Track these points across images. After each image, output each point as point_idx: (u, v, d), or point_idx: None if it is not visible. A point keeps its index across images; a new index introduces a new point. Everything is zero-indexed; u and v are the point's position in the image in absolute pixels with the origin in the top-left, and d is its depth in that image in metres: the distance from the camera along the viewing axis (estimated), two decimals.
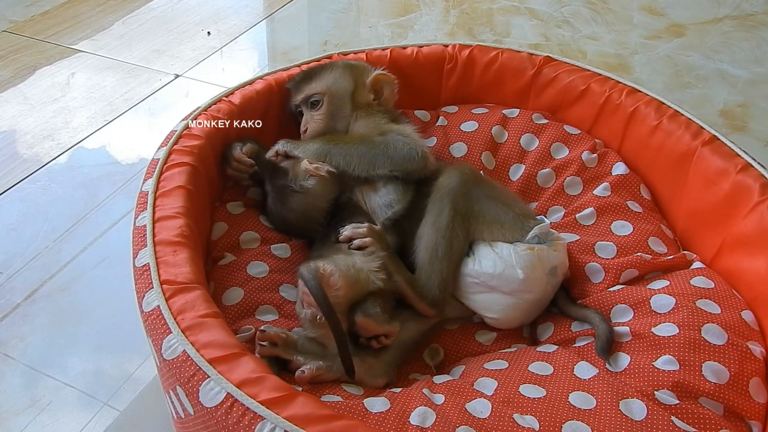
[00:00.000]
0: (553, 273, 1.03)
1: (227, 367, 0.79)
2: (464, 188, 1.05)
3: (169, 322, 0.84)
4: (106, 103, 1.94)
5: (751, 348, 0.92)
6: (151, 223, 0.99)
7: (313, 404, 0.76)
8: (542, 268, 1.01)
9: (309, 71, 1.26)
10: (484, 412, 0.84)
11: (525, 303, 1.03)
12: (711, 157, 1.13)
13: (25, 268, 1.43)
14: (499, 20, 2.36)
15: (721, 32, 2.24)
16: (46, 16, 2.37)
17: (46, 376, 1.22)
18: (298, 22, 2.42)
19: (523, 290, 1.02)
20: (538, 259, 1.01)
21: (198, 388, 0.78)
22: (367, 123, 1.20)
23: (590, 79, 1.32)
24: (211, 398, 0.77)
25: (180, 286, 0.89)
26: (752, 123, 1.84)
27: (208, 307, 0.87)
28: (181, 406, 0.82)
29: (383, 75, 1.24)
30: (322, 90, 1.21)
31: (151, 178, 1.07)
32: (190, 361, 0.80)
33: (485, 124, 1.32)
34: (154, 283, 0.90)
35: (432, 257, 1.02)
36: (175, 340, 0.82)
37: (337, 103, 1.21)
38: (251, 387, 0.76)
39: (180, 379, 0.80)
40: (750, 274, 1.02)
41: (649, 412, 0.84)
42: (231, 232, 1.13)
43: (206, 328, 0.83)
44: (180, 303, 0.87)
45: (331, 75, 1.23)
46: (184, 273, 0.91)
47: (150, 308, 0.87)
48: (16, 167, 1.70)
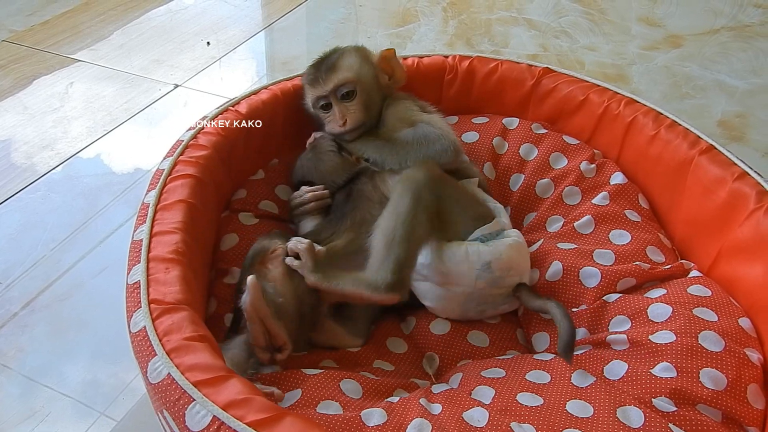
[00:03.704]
0: (485, 268, 1.03)
1: (213, 390, 0.78)
2: (430, 182, 1.04)
3: (154, 344, 0.84)
4: (106, 112, 1.94)
5: (749, 354, 0.92)
6: (148, 237, 0.99)
7: (301, 424, 0.75)
8: (469, 262, 1.03)
9: (323, 63, 1.23)
10: (481, 420, 0.84)
11: (454, 295, 1.05)
12: (708, 166, 1.13)
13: (23, 278, 1.42)
14: (498, 30, 2.37)
15: (718, 43, 2.24)
16: (46, 25, 2.38)
17: (44, 386, 1.21)
18: (297, 32, 2.43)
19: (449, 282, 1.04)
20: (465, 253, 1.03)
21: (184, 411, 0.77)
22: (397, 110, 1.21)
23: (589, 90, 1.33)
24: (198, 422, 0.76)
25: (168, 306, 0.88)
26: (750, 133, 1.85)
27: (195, 329, 0.86)
28: (169, 429, 0.81)
29: (387, 51, 1.25)
30: (353, 78, 1.19)
31: (154, 189, 1.07)
32: (175, 385, 0.79)
33: (486, 134, 1.33)
34: (142, 303, 0.89)
35: (388, 243, 1.00)
36: (160, 363, 0.82)
37: (368, 89, 1.21)
38: (237, 409, 0.76)
39: (166, 403, 0.79)
40: (747, 281, 1.02)
41: (647, 419, 0.84)
42: (241, 245, 1.13)
43: (192, 351, 0.82)
44: (166, 324, 0.86)
45: (353, 60, 1.21)
46: (173, 292, 0.90)
47: (137, 329, 0.87)
48: (15, 177, 1.70)
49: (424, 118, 1.19)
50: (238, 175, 1.25)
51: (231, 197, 1.23)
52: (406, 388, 0.96)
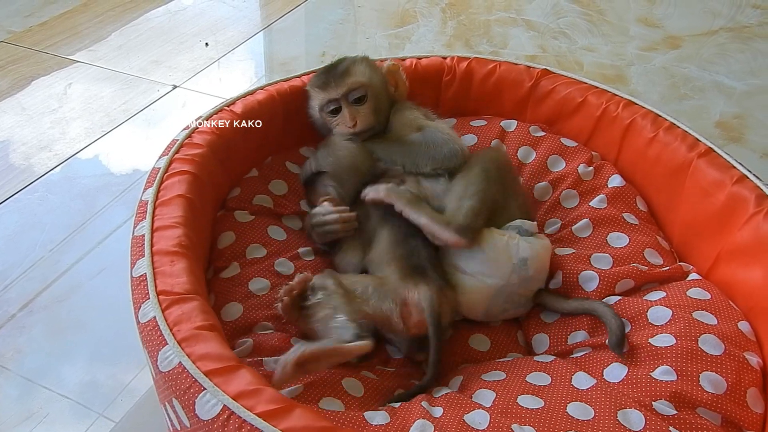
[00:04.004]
0: (522, 264, 1.03)
1: (223, 379, 0.78)
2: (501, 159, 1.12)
3: (165, 334, 0.84)
4: (104, 113, 1.94)
5: (748, 358, 0.92)
6: (149, 232, 0.99)
7: (310, 416, 0.76)
8: (508, 255, 1.03)
9: (334, 69, 1.24)
10: (482, 423, 0.84)
11: (485, 287, 1.04)
12: (707, 169, 1.13)
13: (21, 279, 1.42)
14: (497, 31, 2.37)
15: (716, 44, 2.25)
16: (44, 26, 2.38)
17: (42, 388, 1.21)
18: (296, 33, 2.43)
19: (483, 272, 1.03)
20: (506, 245, 1.03)
21: (194, 400, 0.77)
22: (404, 116, 1.23)
23: (587, 92, 1.33)
24: (208, 410, 0.76)
25: (176, 297, 0.89)
26: (748, 134, 1.85)
27: (205, 318, 0.87)
28: (177, 418, 0.81)
29: (394, 65, 1.28)
30: (366, 83, 1.21)
31: (151, 187, 1.07)
32: (186, 373, 0.80)
33: (484, 137, 1.33)
34: (150, 294, 0.89)
35: (461, 195, 1.06)
36: (171, 352, 0.82)
37: (378, 95, 1.23)
38: (248, 399, 0.76)
39: (176, 392, 0.80)
40: (746, 284, 1.02)
41: (647, 422, 0.84)
42: (239, 242, 1.13)
43: (202, 340, 0.83)
44: (176, 314, 0.86)
45: (365, 68, 1.24)
46: (181, 283, 0.91)
47: (146, 319, 0.87)
48: (13, 178, 1.70)
49: (430, 124, 1.21)
50: (233, 174, 1.24)
51: (227, 196, 1.23)
52: (407, 389, 0.96)
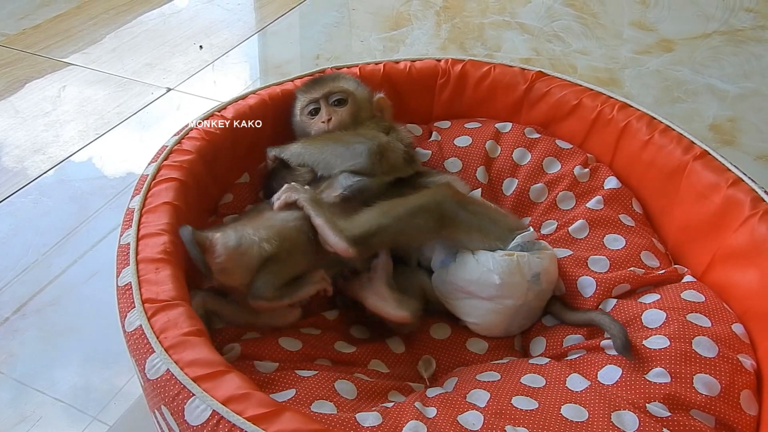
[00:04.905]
0: (535, 280, 1.03)
1: (212, 385, 0.78)
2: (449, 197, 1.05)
3: (151, 341, 0.84)
4: (98, 116, 1.93)
5: (742, 361, 0.92)
6: (135, 240, 0.98)
7: (300, 419, 0.76)
8: (522, 274, 1.02)
9: (323, 76, 1.28)
10: (476, 424, 0.84)
11: (504, 308, 1.03)
12: (702, 172, 1.14)
13: (14, 282, 1.42)
14: (491, 34, 2.37)
15: (710, 47, 2.25)
16: (37, 29, 2.37)
17: (36, 391, 1.21)
18: (290, 35, 2.43)
19: (501, 296, 1.02)
20: (518, 265, 1.02)
21: (183, 406, 0.77)
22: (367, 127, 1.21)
23: (582, 94, 1.33)
24: (197, 416, 0.76)
25: (162, 304, 0.88)
26: (741, 137, 1.86)
27: (191, 324, 0.86)
28: (166, 425, 0.81)
29: (384, 100, 1.27)
30: (349, 89, 1.22)
31: (138, 194, 1.07)
32: (174, 380, 0.79)
33: (479, 138, 1.32)
34: (135, 303, 0.89)
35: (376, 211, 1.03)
36: (159, 360, 0.82)
37: (359, 105, 1.22)
38: (237, 404, 0.76)
39: (165, 399, 0.79)
40: (741, 287, 1.02)
41: (641, 424, 0.84)
42: None
43: (190, 346, 0.83)
44: (162, 321, 0.86)
45: (353, 81, 1.26)
46: (166, 290, 0.91)
47: (132, 328, 0.87)
48: (6, 181, 1.69)
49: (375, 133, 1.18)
50: (224, 180, 1.24)
51: (218, 202, 1.23)
52: (401, 390, 0.96)
